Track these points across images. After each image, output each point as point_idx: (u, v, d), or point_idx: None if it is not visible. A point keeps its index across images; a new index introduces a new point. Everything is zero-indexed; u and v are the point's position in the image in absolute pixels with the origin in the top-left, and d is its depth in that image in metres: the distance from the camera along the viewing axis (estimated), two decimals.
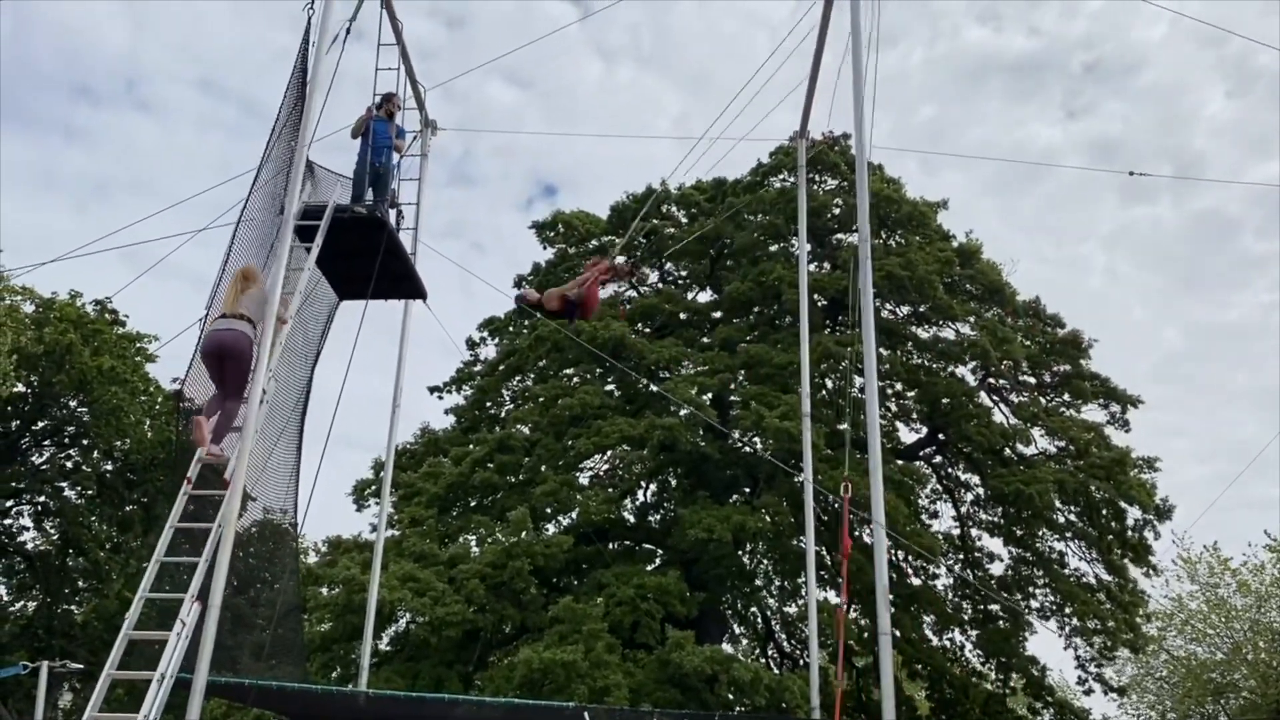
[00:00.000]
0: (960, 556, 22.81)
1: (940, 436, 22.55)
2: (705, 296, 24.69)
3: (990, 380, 22.54)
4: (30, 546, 22.19)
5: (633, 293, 24.99)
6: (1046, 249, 67.64)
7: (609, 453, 21.36)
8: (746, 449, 19.73)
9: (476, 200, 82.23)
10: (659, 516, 22.37)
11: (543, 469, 20.41)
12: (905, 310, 22.79)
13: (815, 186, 22.64)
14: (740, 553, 20.02)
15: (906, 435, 23.16)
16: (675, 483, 22.10)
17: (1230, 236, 73.52)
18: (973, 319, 22.23)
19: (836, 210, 22.73)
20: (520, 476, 20.78)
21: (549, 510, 19.87)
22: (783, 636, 23.63)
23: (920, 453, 23.17)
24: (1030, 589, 22.18)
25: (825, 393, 21.50)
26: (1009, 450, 21.67)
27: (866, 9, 9.80)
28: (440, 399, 24.65)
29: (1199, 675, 28.64)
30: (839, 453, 19.51)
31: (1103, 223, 70.46)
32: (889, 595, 8.60)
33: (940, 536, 21.74)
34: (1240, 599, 28.70)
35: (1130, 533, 21.41)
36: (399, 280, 10.74)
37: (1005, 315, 22.60)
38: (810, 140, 14.48)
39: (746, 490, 20.67)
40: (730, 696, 17.17)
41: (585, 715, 7.95)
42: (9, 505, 21.73)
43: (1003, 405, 22.53)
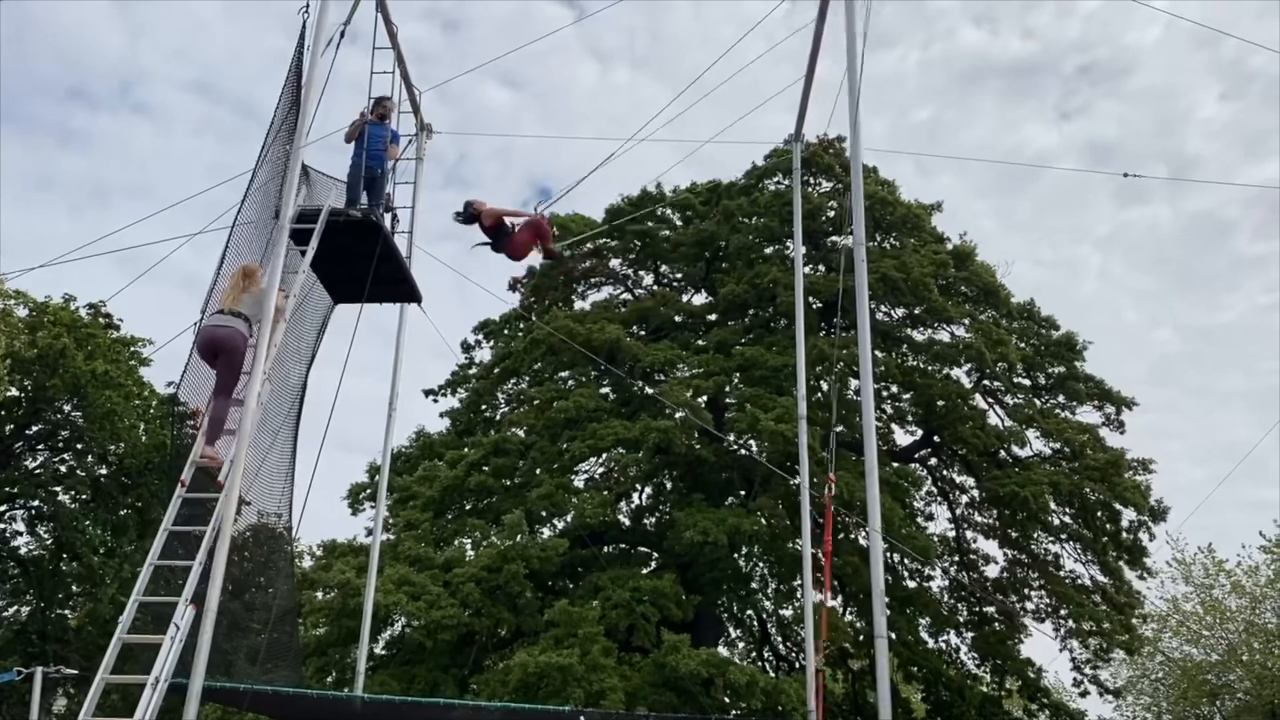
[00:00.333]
0: (955, 559, 22.83)
1: (935, 439, 22.58)
2: (700, 299, 24.70)
3: (985, 382, 22.56)
4: (24, 551, 22.11)
5: (628, 295, 25.02)
6: (1041, 251, 67.85)
7: (604, 455, 21.35)
8: (742, 452, 19.73)
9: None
10: (654, 519, 22.36)
11: (538, 472, 20.40)
12: (900, 312, 22.81)
13: (810, 189, 22.67)
14: (736, 555, 20.01)
15: (902, 437, 23.19)
16: (670, 485, 22.09)
17: (1225, 238, 73.80)
18: (967, 321, 22.27)
19: (831, 213, 22.77)
20: (516, 480, 20.77)
21: (544, 513, 19.86)
22: (779, 639, 23.61)
23: (915, 455, 23.19)
24: (1025, 591, 22.20)
25: (821, 395, 21.49)
26: (1004, 452, 21.71)
27: (861, 12, 9.82)
28: (435, 402, 24.67)
29: (1194, 677, 28.74)
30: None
31: (1097, 225, 70.73)
32: (884, 598, 8.61)
33: (935, 539, 21.77)
34: (1235, 600, 28.80)
35: (1125, 534, 21.45)
36: (394, 284, 10.73)
37: (1000, 316, 22.65)
38: (805, 143, 14.51)
39: (742, 493, 20.67)
40: (726, 699, 17.16)
41: (581, 718, 7.93)
42: (2, 510, 21.65)
43: (997, 407, 22.56)
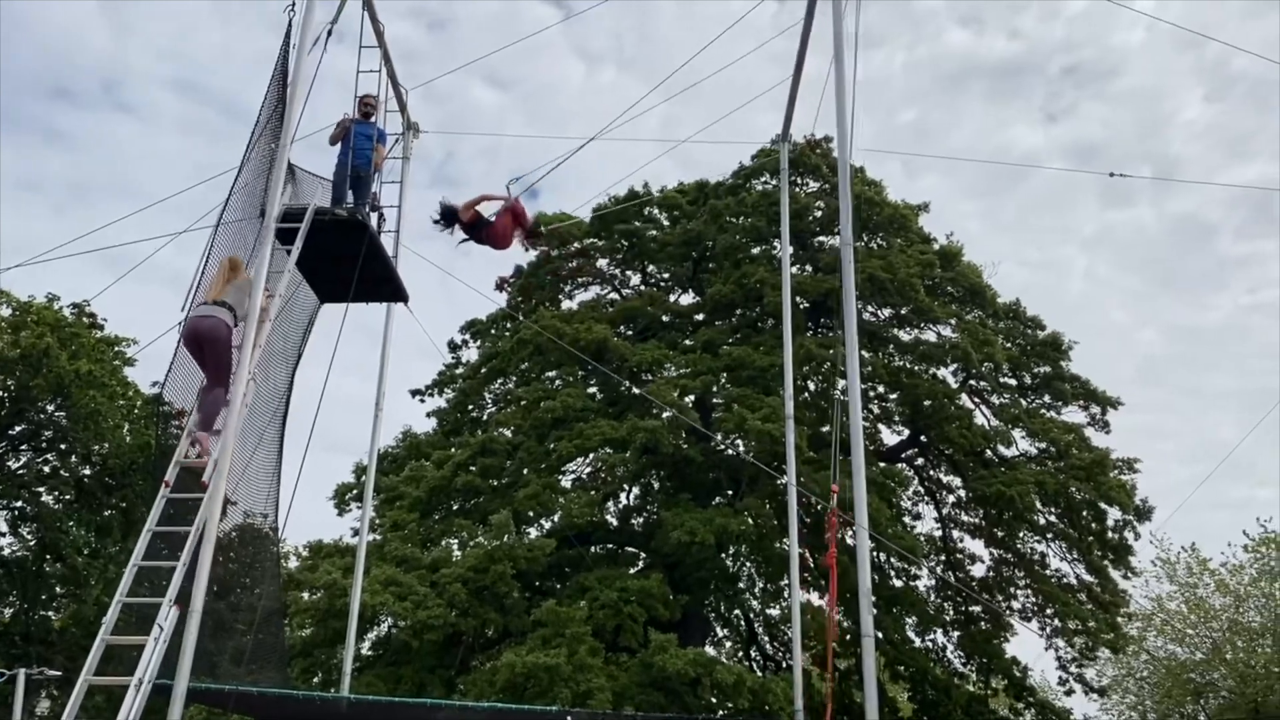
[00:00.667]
0: (942, 558, 22.90)
1: (922, 438, 22.64)
2: (688, 299, 24.70)
3: (971, 382, 22.64)
4: (7, 552, 21.96)
5: (615, 295, 25.01)
6: (1028, 252, 68.03)
7: (591, 455, 21.33)
8: (729, 451, 19.74)
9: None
10: (642, 519, 22.36)
11: (525, 472, 20.37)
12: (887, 313, 22.87)
13: (797, 189, 22.70)
14: (723, 555, 20.03)
15: (889, 437, 23.25)
16: (658, 485, 22.10)
17: (1208, 239, 74.17)
18: (954, 321, 22.34)
19: (819, 213, 22.81)
20: (503, 480, 20.73)
21: (531, 514, 19.83)
22: (766, 639, 23.65)
23: (902, 455, 23.25)
24: (1011, 590, 22.29)
25: (808, 395, 21.54)
26: (990, 452, 21.79)
27: (849, 13, 9.83)
28: (422, 402, 24.60)
29: (1179, 675, 28.88)
30: (822, 454, 19.56)
31: (1083, 226, 70.91)
32: (871, 597, 8.62)
33: (922, 538, 21.83)
34: (1219, 599, 28.96)
35: (1110, 534, 21.55)
36: (380, 283, 10.69)
37: (987, 317, 22.73)
38: (793, 143, 14.52)
39: (729, 492, 20.69)
40: (713, 699, 17.18)
41: (568, 719, 7.92)
42: None
43: (984, 407, 22.64)
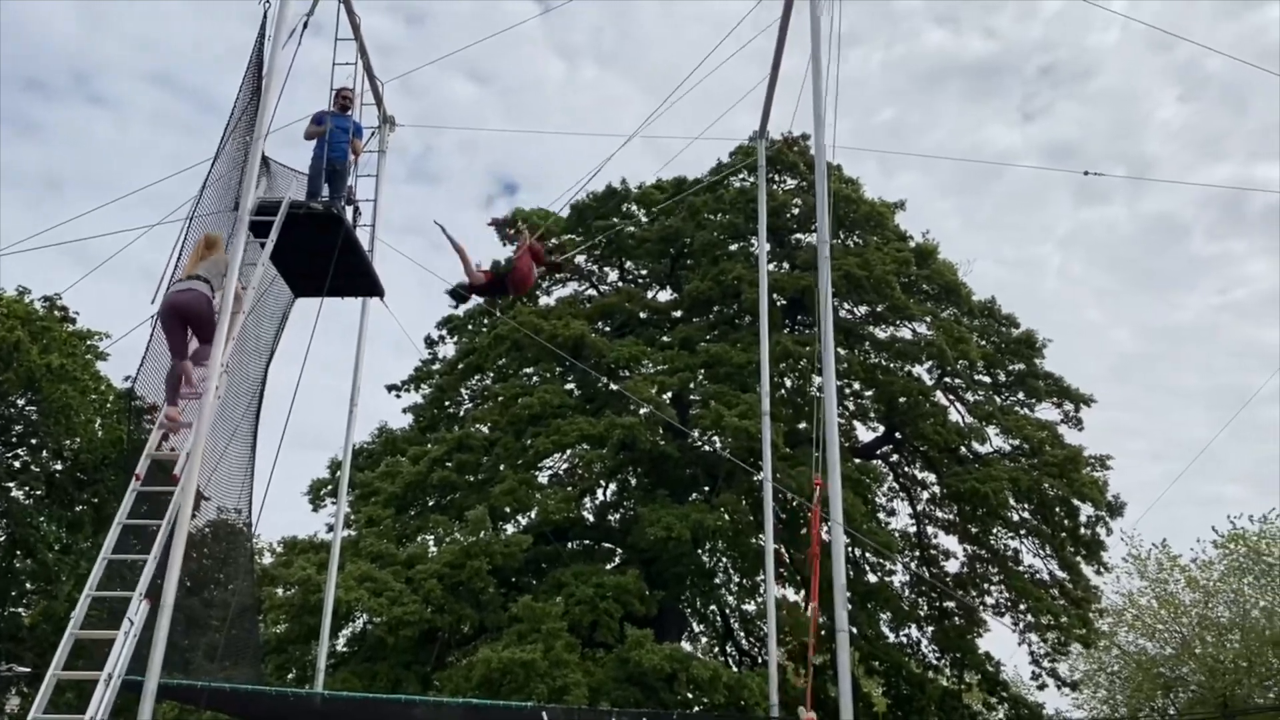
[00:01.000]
0: (916, 554, 23.04)
1: (897, 435, 22.77)
2: (665, 295, 24.73)
3: (946, 380, 22.79)
4: None
5: (593, 291, 24.99)
6: (1003, 250, 68.54)
7: (568, 452, 21.33)
8: (706, 448, 19.79)
9: (437, 197, 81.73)
10: (619, 515, 22.37)
11: (502, 468, 20.33)
12: (863, 310, 22.98)
13: (775, 186, 22.76)
14: (699, 551, 20.07)
15: (864, 434, 23.37)
16: (635, 482, 22.11)
17: (1180, 239, 74.97)
18: (929, 319, 22.47)
19: (796, 210, 22.88)
20: (479, 476, 20.68)
21: (508, 510, 19.80)
22: (741, 634, 23.72)
23: (877, 451, 23.37)
24: (985, 586, 22.46)
25: (784, 392, 21.62)
26: (964, 449, 21.93)
27: (826, 10, 9.86)
28: (398, 398, 24.51)
29: (1149, 670, 29.18)
30: (799, 451, 19.64)
31: (1057, 225, 71.52)
32: (846, 592, 8.65)
33: (897, 534, 21.96)
34: (1188, 594, 29.30)
35: (1083, 530, 21.75)
36: (355, 277, 10.64)
37: (961, 314, 22.87)
38: (770, 140, 14.57)
39: (706, 489, 20.73)
40: (689, 695, 17.21)
41: (544, 715, 7.91)
42: None
43: (958, 404, 22.79)
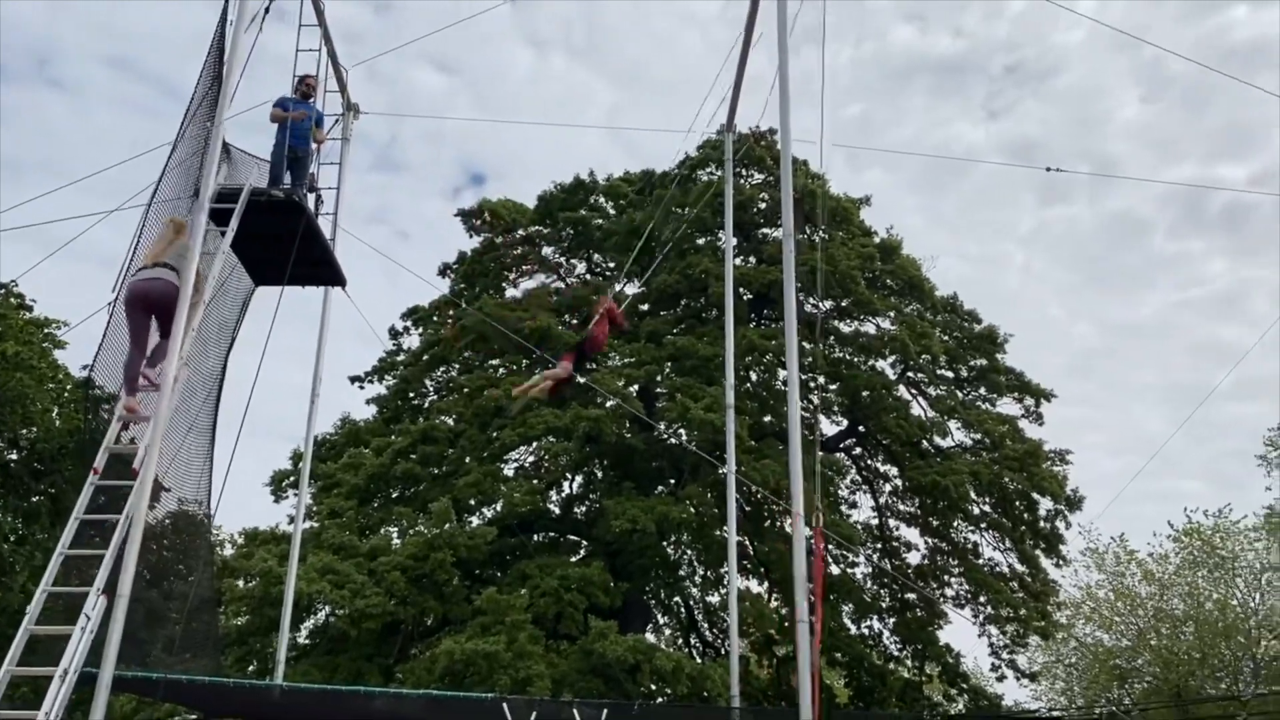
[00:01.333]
0: (879, 546, 23.24)
1: (860, 428, 22.93)
2: (633, 289, 24.72)
3: (909, 374, 22.98)
4: None
5: (560, 283, 24.94)
6: (967, 246, 69.22)
7: (534, 444, 21.28)
8: (672, 441, 19.83)
9: (403, 187, 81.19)
10: (584, 508, 22.38)
11: (467, 460, 20.26)
12: (828, 305, 23.09)
13: (742, 180, 22.81)
14: (665, 543, 20.12)
15: (828, 427, 23.51)
16: (601, 474, 22.12)
17: (1141, 237, 76.02)
18: (893, 314, 22.64)
19: (763, 204, 22.95)
20: (444, 468, 20.60)
21: (473, 502, 19.74)
22: (705, 626, 23.82)
23: (841, 444, 23.53)
24: (946, 578, 22.70)
25: (750, 385, 21.71)
26: (926, 442, 22.12)
27: (793, 7, 9.89)
28: (362, 389, 24.35)
29: (1105, 661, 29.66)
30: (763, 444, 19.75)
31: (1021, 222, 72.31)
32: (807, 584, 8.72)
33: (859, 526, 22.13)
34: (1145, 588, 29.79)
35: (1043, 523, 22.04)
36: (317, 266, 10.57)
37: (925, 310, 23.06)
38: (737, 134, 14.61)
39: (672, 481, 20.78)
40: (653, 686, 17.26)
41: (504, 706, 7.92)
42: None
43: (921, 398, 23.00)
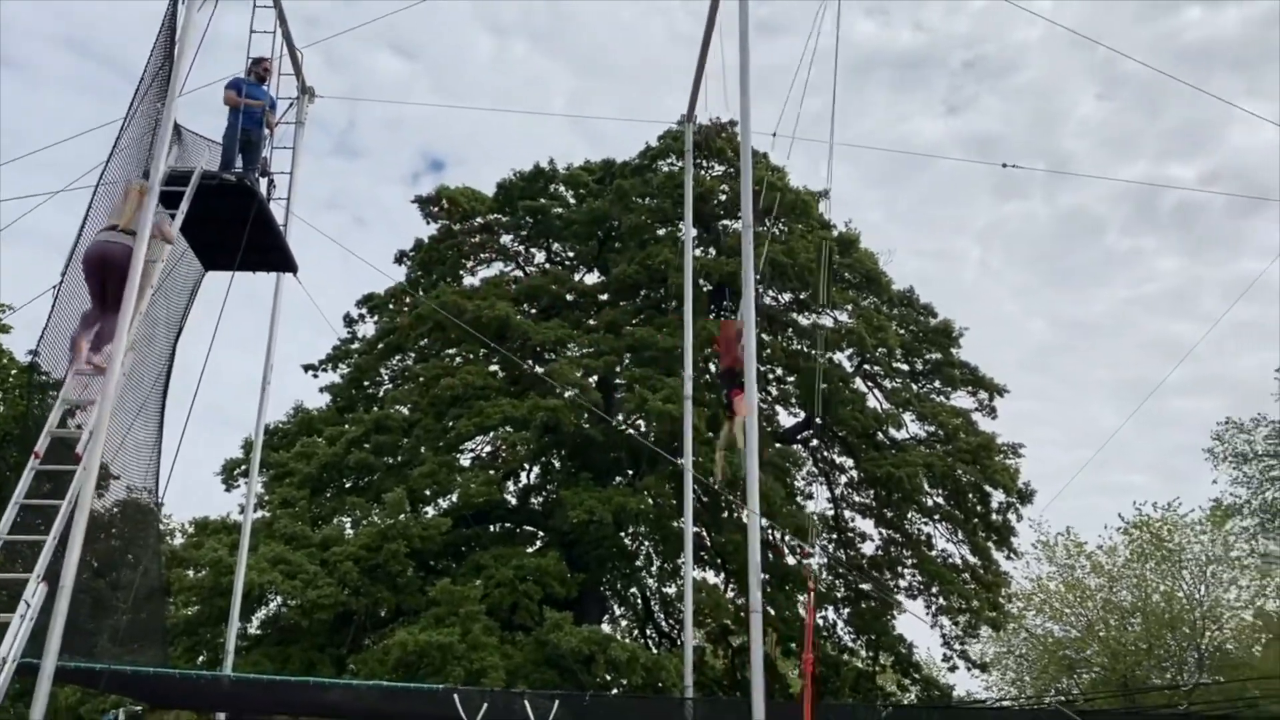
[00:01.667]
0: (834, 537, 23.40)
1: (817, 420, 23.06)
2: (592, 278, 24.65)
3: (865, 366, 23.14)
4: None
5: (519, 272, 24.82)
6: (924, 241, 69.79)
7: (491, 434, 21.16)
8: (629, 432, 19.81)
9: (361, 172, 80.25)
10: (542, 498, 22.31)
11: (422, 450, 20.11)
12: (787, 297, 23.19)
13: (702, 172, 22.81)
14: (622, 534, 20.12)
15: (785, 419, 23.62)
16: (559, 464, 22.05)
17: (1095, 234, 77.11)
18: (850, 307, 22.77)
19: (723, 196, 22.96)
20: (398, 458, 20.43)
21: (428, 492, 19.60)
22: (661, 616, 23.87)
23: (798, 436, 23.65)
24: (899, 569, 22.91)
25: (709, 377, 21.73)
26: (881, 434, 22.29)
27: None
28: (315, 377, 24.06)
29: (1054, 652, 30.16)
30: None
31: (978, 217, 73.04)
32: (761, 574, 8.75)
33: (815, 517, 22.26)
34: (1094, 579, 30.32)
35: (995, 515, 22.31)
36: (268, 252, 10.42)
37: (881, 303, 23.23)
38: (698, 125, 14.58)
39: (630, 472, 20.77)
40: (608, 677, 17.26)
41: (455, 698, 7.87)
42: None
43: (876, 391, 23.17)
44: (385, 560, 17.36)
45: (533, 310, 23.14)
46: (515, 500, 22.24)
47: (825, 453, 23.77)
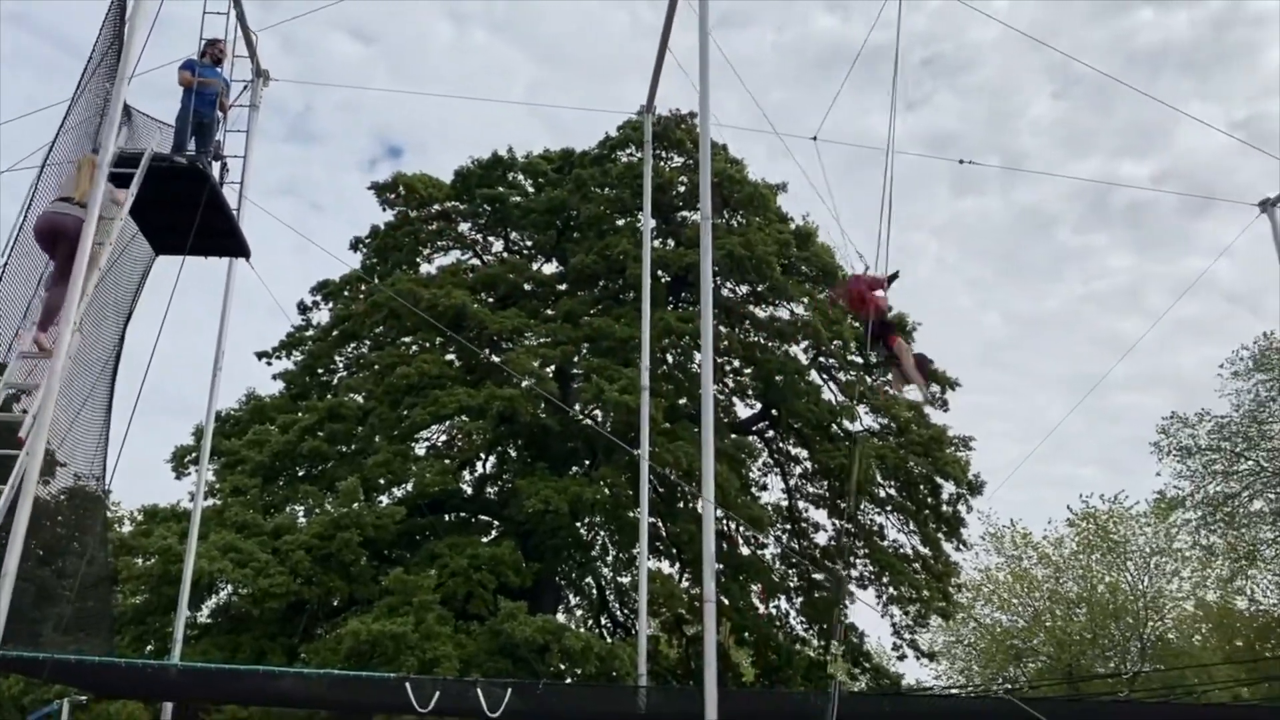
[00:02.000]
0: (788, 527, 23.61)
1: (773, 412, 23.23)
2: (550, 268, 24.58)
3: (820, 359, 23.34)
4: None
5: (476, 261, 24.68)
6: (881, 235, 70.21)
7: (447, 423, 21.07)
8: (586, 422, 19.82)
9: (317, 158, 79.19)
10: (497, 488, 22.26)
11: (377, 439, 19.97)
12: (744, 289, 23.30)
13: (661, 163, 22.84)
14: (578, 524, 20.13)
15: (742, 410, 23.76)
16: (515, 454, 22.01)
17: (1049, 230, 78.19)
18: (807, 300, 22.94)
19: (682, 188, 23.00)
20: (352, 446, 20.27)
21: (382, 481, 19.46)
22: (617, 606, 23.94)
23: (753, 427, 23.81)
24: (851, 559, 23.16)
25: (666, 368, 21.80)
26: (835, 426, 22.51)
27: None
28: (269, 364, 23.73)
29: (1002, 641, 30.74)
30: (677, 426, 19.86)
31: (934, 212, 73.76)
32: (716, 565, 8.83)
33: (769, 508, 22.45)
34: (1041, 570, 30.92)
35: (945, 507, 22.65)
36: (220, 237, 10.25)
37: (836, 298, 23.41)
38: (658, 116, 14.61)
39: (587, 462, 20.78)
40: (562, 666, 17.29)
41: (406, 686, 7.84)
42: None
43: (831, 383, 23.38)
44: (338, 549, 17.22)
45: (490, 299, 23.02)
46: (471, 489, 22.16)
47: (781, 444, 23.95)
